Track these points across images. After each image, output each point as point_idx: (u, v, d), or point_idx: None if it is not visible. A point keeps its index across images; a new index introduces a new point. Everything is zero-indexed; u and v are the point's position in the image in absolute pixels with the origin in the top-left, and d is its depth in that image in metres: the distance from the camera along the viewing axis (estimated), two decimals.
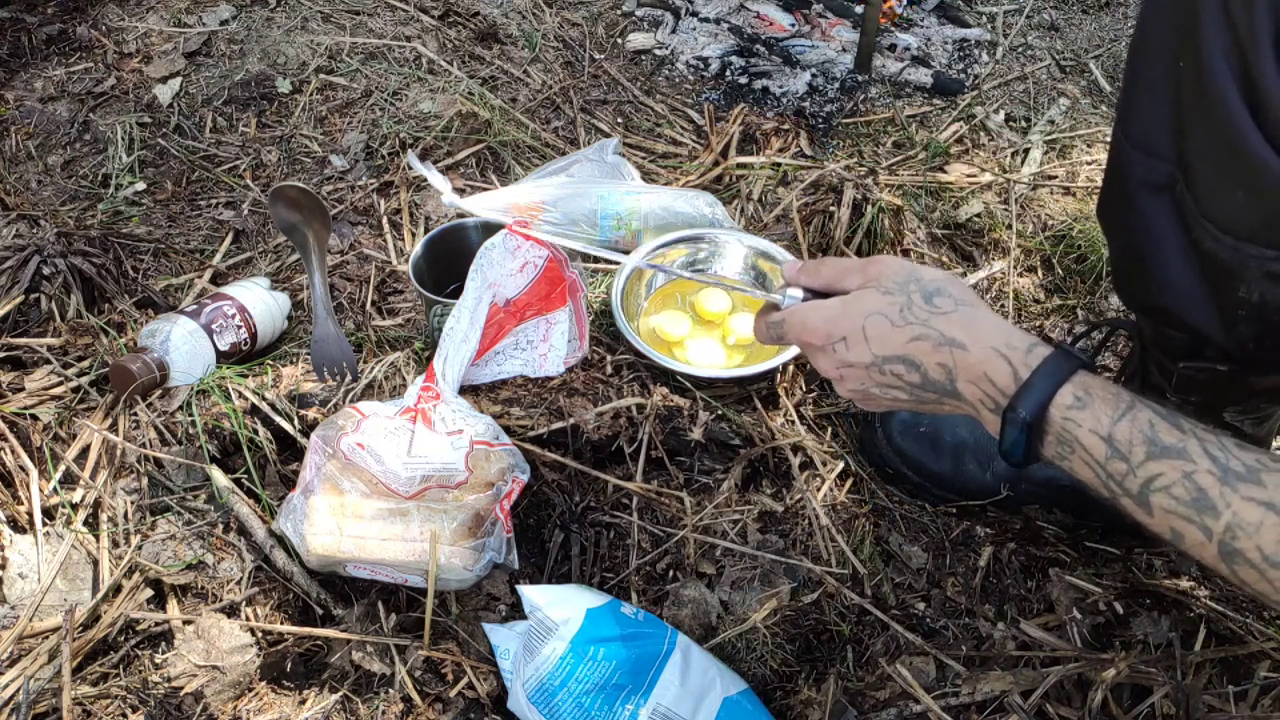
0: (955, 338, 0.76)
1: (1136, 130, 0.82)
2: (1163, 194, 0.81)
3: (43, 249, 1.28)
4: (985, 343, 0.75)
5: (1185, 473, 0.66)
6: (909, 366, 0.78)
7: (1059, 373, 0.72)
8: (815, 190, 1.40)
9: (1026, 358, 0.73)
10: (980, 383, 0.75)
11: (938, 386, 0.77)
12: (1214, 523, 0.64)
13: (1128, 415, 0.69)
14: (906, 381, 0.79)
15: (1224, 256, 0.77)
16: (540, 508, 1.13)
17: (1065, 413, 0.71)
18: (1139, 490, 0.68)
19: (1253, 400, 0.95)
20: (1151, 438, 0.68)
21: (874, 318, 0.78)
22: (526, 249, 1.13)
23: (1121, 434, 0.68)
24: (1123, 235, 0.89)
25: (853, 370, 0.81)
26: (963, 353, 0.75)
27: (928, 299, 0.78)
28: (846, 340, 0.80)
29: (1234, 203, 0.75)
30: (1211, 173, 0.76)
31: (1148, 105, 0.80)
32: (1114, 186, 0.88)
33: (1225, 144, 0.72)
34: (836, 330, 0.80)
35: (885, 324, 0.78)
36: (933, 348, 0.76)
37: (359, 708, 0.96)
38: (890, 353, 0.78)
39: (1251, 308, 0.79)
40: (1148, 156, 0.81)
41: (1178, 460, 0.66)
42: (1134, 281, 0.90)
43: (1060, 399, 0.71)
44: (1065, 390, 0.71)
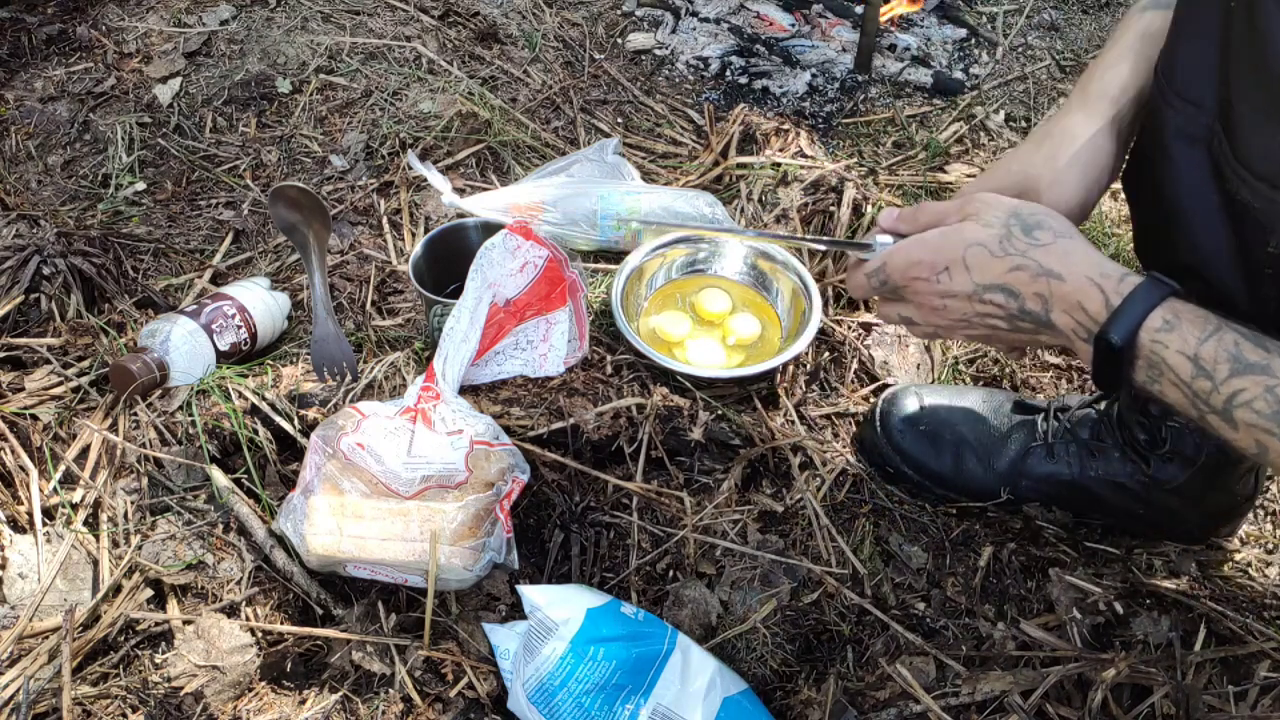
0: (1052, 268, 0.79)
1: (1179, 76, 0.82)
2: (1198, 147, 0.82)
3: (43, 249, 1.28)
4: (1080, 272, 0.78)
5: (1267, 386, 0.69)
6: (1008, 295, 0.81)
7: (1150, 298, 0.75)
8: (815, 190, 1.40)
9: (1119, 285, 0.76)
10: (1074, 311, 0.78)
11: (1034, 316, 0.81)
12: None
13: (1214, 335, 0.72)
14: (1005, 310, 0.82)
15: (1257, 206, 0.78)
16: (540, 508, 1.13)
17: (1154, 335, 0.74)
18: (1223, 406, 0.71)
19: None
20: (1235, 355, 0.71)
21: (974, 248, 0.82)
22: (526, 249, 1.13)
23: (1207, 353, 0.72)
24: (1153, 193, 0.89)
25: (954, 300, 0.84)
26: (1059, 282, 0.78)
27: (1027, 231, 0.81)
28: (949, 269, 0.83)
29: (1273, 146, 0.75)
30: (1254, 115, 0.76)
31: (1194, 51, 0.81)
32: (1148, 141, 0.88)
33: (1270, 83, 0.73)
34: (940, 259, 0.83)
35: (985, 254, 0.81)
36: (1030, 278, 0.80)
37: (359, 708, 0.96)
38: (990, 280, 0.81)
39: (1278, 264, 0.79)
40: (1188, 104, 0.82)
41: (1260, 375, 0.70)
42: (1161, 241, 0.90)
43: (1150, 323, 0.74)
44: (1155, 314, 0.74)
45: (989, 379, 1.34)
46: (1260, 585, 1.11)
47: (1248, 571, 1.13)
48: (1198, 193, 0.83)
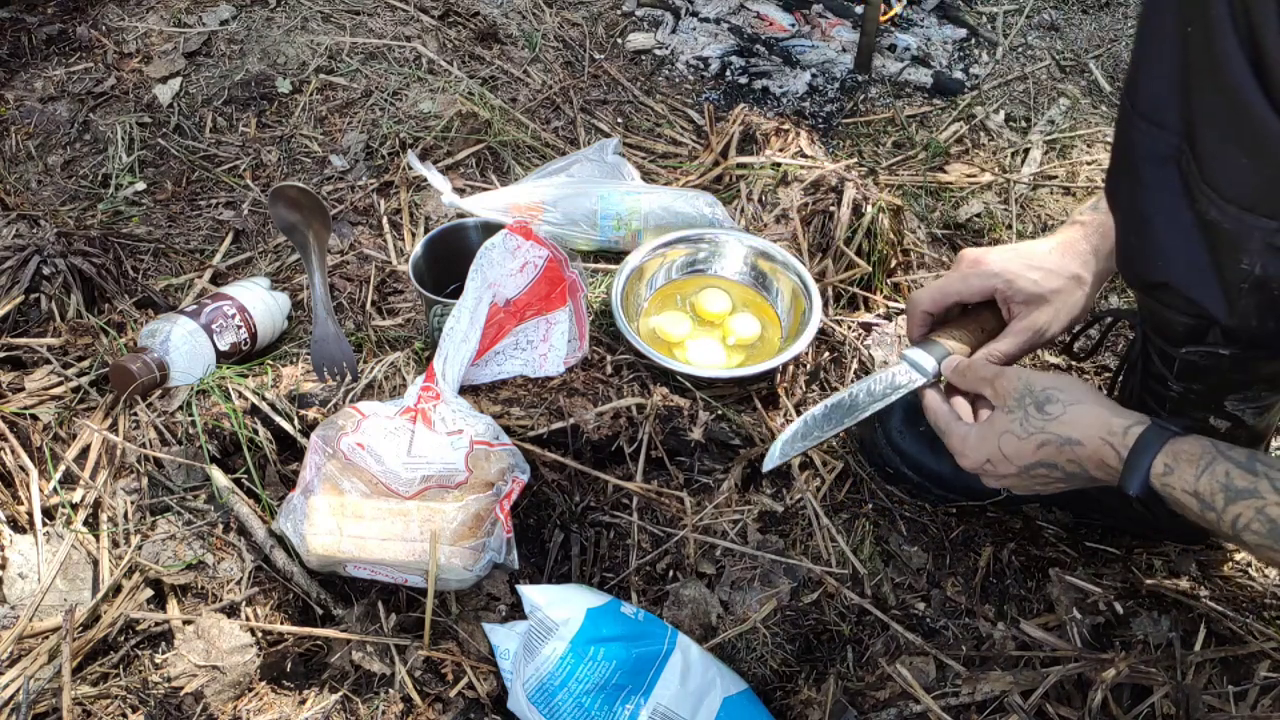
0: (1070, 437, 0.89)
1: (1143, 99, 0.82)
2: (1168, 166, 0.82)
3: (43, 249, 1.28)
4: (1093, 435, 0.88)
5: (1258, 509, 0.77)
6: (1048, 468, 0.91)
7: (1151, 447, 0.84)
8: (815, 190, 1.40)
9: (1124, 439, 0.86)
10: (1101, 468, 0.88)
11: (1077, 475, 0.91)
12: None
13: (1207, 470, 0.80)
14: (1054, 476, 0.92)
15: (1227, 227, 0.78)
16: (540, 508, 1.13)
17: (1161, 481, 0.83)
18: (1232, 533, 0.79)
19: (1254, 388, 0.95)
20: (1227, 485, 0.79)
21: (1005, 437, 0.93)
22: (526, 249, 1.13)
23: (1204, 487, 0.80)
24: (1128, 209, 0.90)
25: (1009, 479, 0.96)
26: (1080, 448, 0.88)
27: (1040, 407, 0.92)
28: (992, 461, 0.95)
29: (1238, 170, 0.76)
30: (1216, 139, 0.77)
31: (1155, 73, 0.81)
32: (1120, 159, 0.89)
33: (1230, 110, 0.73)
34: (981, 455, 0.95)
35: (1014, 440, 0.92)
36: (1057, 449, 0.90)
37: (359, 708, 0.96)
38: (1028, 462, 0.92)
39: (1254, 281, 0.80)
40: (1154, 126, 0.82)
41: (1250, 499, 0.78)
42: (1137, 256, 0.91)
43: (1155, 469, 0.83)
44: (1157, 461, 0.83)
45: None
46: (1260, 585, 1.11)
47: (1248, 571, 1.13)
48: (1170, 211, 0.83)
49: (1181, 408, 1.00)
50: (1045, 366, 1.36)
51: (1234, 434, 1.00)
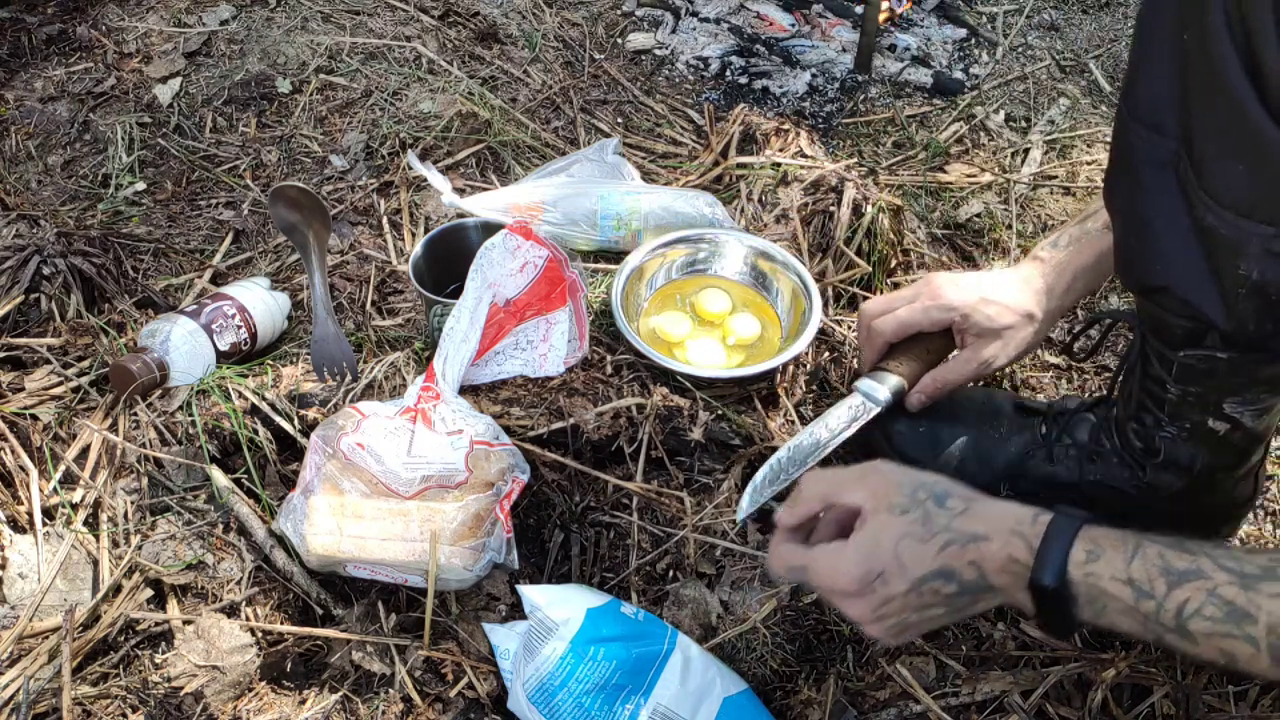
0: (977, 531, 0.77)
1: (1141, 105, 0.82)
2: (1166, 170, 0.82)
3: (43, 249, 1.28)
4: (1001, 527, 0.76)
5: (1208, 590, 0.67)
6: (944, 579, 0.78)
7: (1066, 532, 0.73)
8: (815, 190, 1.40)
9: (1035, 527, 0.75)
10: (1008, 566, 0.76)
11: (972, 587, 0.78)
12: (1254, 629, 0.64)
13: (1138, 554, 0.70)
14: (944, 595, 0.79)
15: (1225, 233, 0.78)
16: (540, 508, 1.13)
17: (1084, 569, 0.72)
18: (1175, 623, 0.68)
19: (1253, 390, 0.95)
20: (1166, 567, 0.69)
21: (904, 542, 0.78)
22: (526, 249, 1.13)
23: (1138, 573, 0.70)
24: (1126, 213, 0.90)
25: (891, 604, 0.79)
26: (987, 544, 0.76)
27: (940, 502, 0.80)
28: (884, 574, 0.78)
29: (1235, 177, 0.75)
30: (1213, 146, 0.77)
31: (1152, 79, 0.81)
32: (1119, 163, 0.89)
33: (1227, 117, 0.73)
34: (874, 567, 0.79)
35: (915, 544, 0.78)
36: (960, 549, 0.77)
37: (359, 708, 0.96)
38: (926, 570, 0.78)
39: (1252, 286, 0.80)
40: (1151, 132, 0.82)
41: (1197, 581, 0.68)
42: (1136, 261, 0.91)
43: (1075, 557, 0.72)
44: (1077, 547, 0.72)
45: (989, 379, 1.34)
46: None
47: None
48: (1169, 215, 0.83)
49: (1180, 410, 1.00)
50: (1046, 366, 1.36)
51: (1233, 436, 1.00)
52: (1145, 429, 1.04)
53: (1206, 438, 1.00)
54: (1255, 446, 1.03)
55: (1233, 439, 1.00)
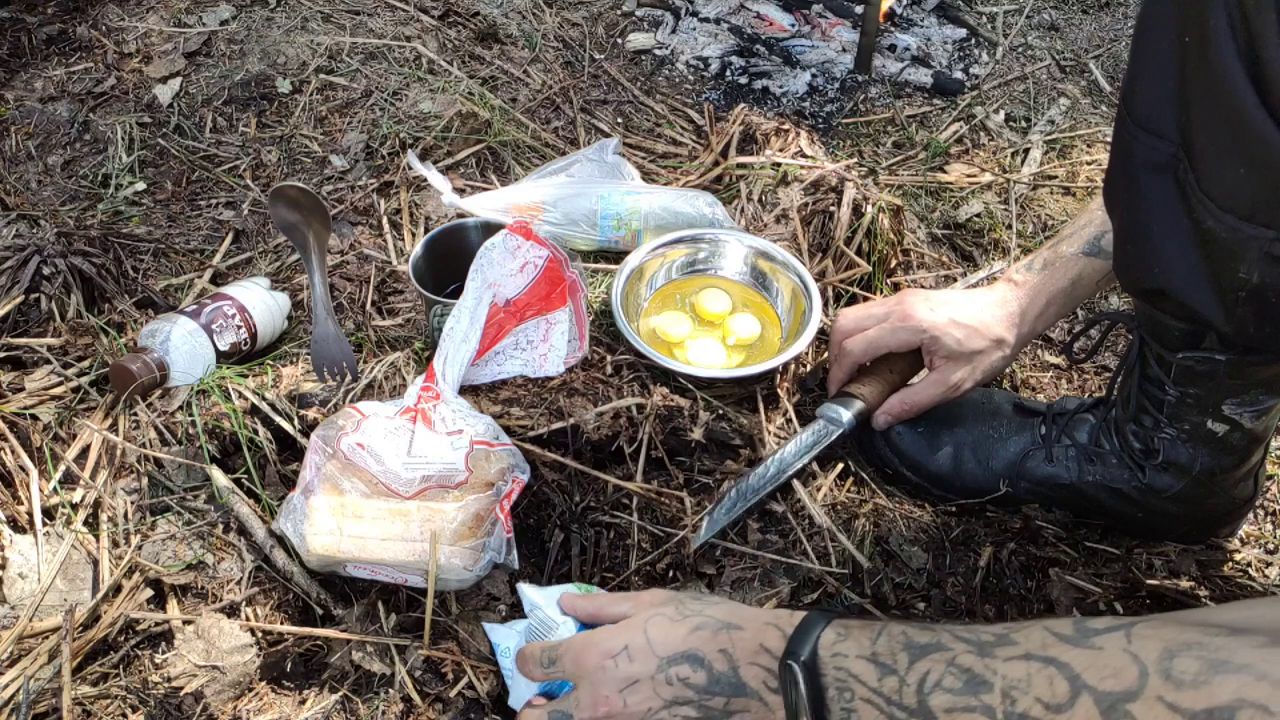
0: (730, 620, 0.78)
1: (1140, 108, 0.82)
2: (1165, 174, 0.81)
3: (43, 249, 1.28)
4: (756, 619, 0.78)
5: (948, 660, 0.66)
6: (693, 664, 0.76)
7: (821, 620, 0.74)
8: (815, 190, 1.40)
9: (791, 619, 0.75)
10: (759, 657, 0.75)
11: (723, 681, 0.76)
12: (990, 696, 0.63)
13: (884, 633, 0.70)
14: (693, 685, 0.76)
15: (1224, 236, 0.78)
16: (540, 508, 1.13)
17: (833, 649, 0.71)
18: (917, 700, 0.66)
19: (1252, 392, 0.95)
20: (908, 643, 0.69)
21: (655, 619, 0.80)
22: (526, 249, 1.13)
23: (883, 649, 0.69)
24: (1125, 215, 0.90)
25: (637, 685, 0.77)
26: (739, 632, 0.77)
27: (699, 600, 0.82)
28: (629, 648, 0.78)
29: (1235, 180, 0.75)
30: (1214, 149, 0.76)
31: (1152, 82, 0.80)
32: (1118, 166, 0.88)
33: (1228, 120, 0.73)
34: (618, 640, 0.79)
35: (665, 621, 0.79)
36: (711, 634, 0.77)
37: (359, 708, 0.96)
38: (674, 651, 0.77)
39: (1251, 289, 0.80)
40: (1150, 135, 0.81)
41: (936, 653, 0.67)
42: (1135, 263, 0.91)
43: (825, 639, 0.72)
44: (828, 631, 0.72)
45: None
46: (1260, 585, 1.11)
47: (1248, 571, 1.13)
48: (1168, 218, 0.83)
49: (1179, 412, 1.00)
50: (1045, 366, 1.37)
51: (1232, 437, 1.00)
52: (1144, 430, 1.04)
53: (1206, 439, 1.01)
54: (1255, 447, 1.03)
55: (1232, 440, 1.00)
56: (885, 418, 1.17)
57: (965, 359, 1.12)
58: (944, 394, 1.14)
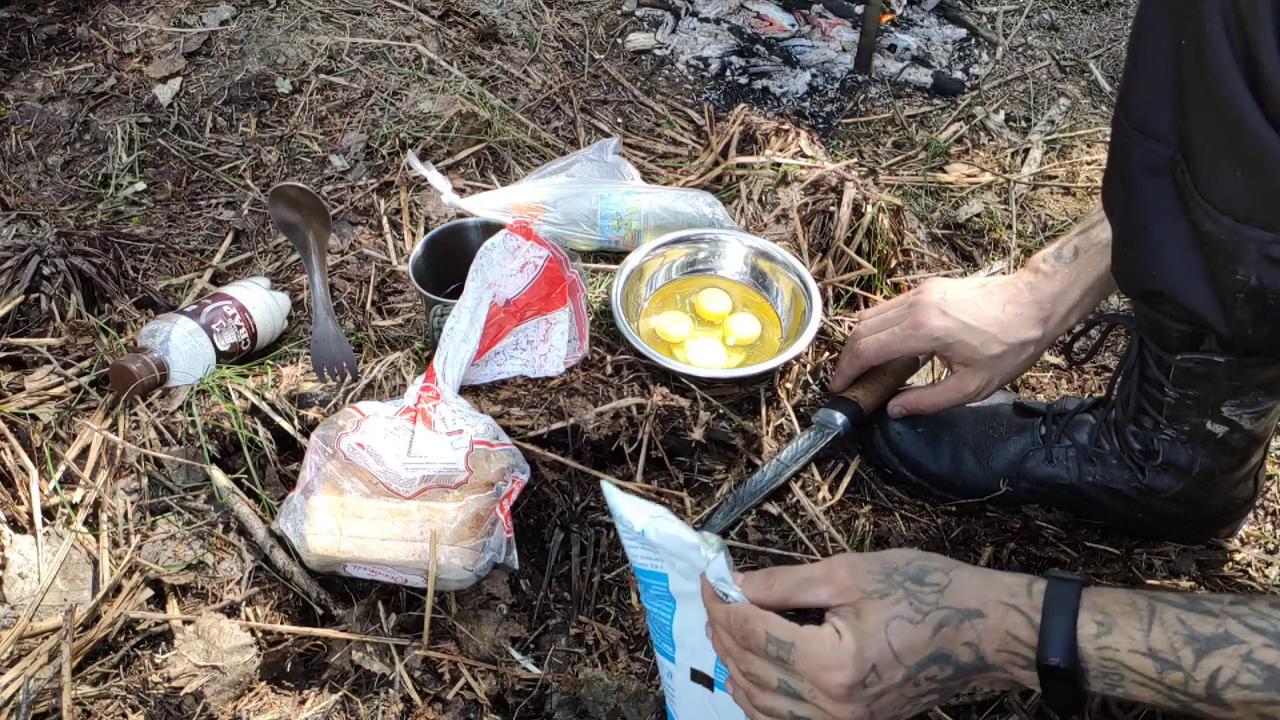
0: (970, 607, 0.71)
1: (1137, 111, 0.82)
2: (1163, 176, 0.81)
3: (43, 249, 1.28)
4: (993, 599, 0.71)
5: (1243, 656, 0.63)
6: (941, 664, 0.72)
7: (1067, 603, 0.69)
8: (815, 190, 1.40)
9: (1030, 599, 0.70)
10: (1006, 644, 0.70)
11: (969, 669, 0.72)
12: None
13: (1155, 621, 0.66)
14: (940, 681, 0.72)
15: (1222, 238, 0.78)
16: (540, 508, 1.13)
17: (1096, 643, 0.67)
18: (1207, 693, 0.64)
19: (1251, 393, 0.95)
20: (1191, 635, 0.65)
21: (894, 624, 0.71)
22: (526, 249, 1.13)
23: (1160, 643, 0.65)
24: (1123, 217, 0.90)
25: (887, 698, 0.72)
26: (982, 620, 0.71)
27: (920, 580, 0.73)
28: (877, 667, 0.71)
29: (1233, 182, 0.75)
30: (1211, 152, 0.76)
31: (1148, 85, 0.80)
32: (1115, 168, 0.88)
33: (1225, 123, 0.72)
34: (866, 659, 0.71)
35: (907, 626, 0.71)
36: (955, 630, 0.71)
37: (359, 708, 0.96)
38: (922, 656, 0.71)
39: (1249, 291, 0.79)
40: (1147, 138, 0.81)
41: (1228, 647, 0.64)
42: (1133, 265, 0.90)
43: (1084, 630, 0.67)
44: (1083, 618, 0.68)
45: None
46: (1260, 585, 1.11)
47: (1248, 571, 1.13)
48: (1165, 221, 0.83)
49: (1178, 413, 1.00)
50: (1046, 366, 1.36)
51: (1231, 438, 1.00)
52: (1144, 431, 1.04)
53: (1205, 440, 1.00)
54: (1254, 448, 1.03)
55: (1231, 441, 1.00)
56: (899, 408, 1.17)
57: (983, 365, 1.08)
58: (961, 400, 1.12)
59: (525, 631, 1.04)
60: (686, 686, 0.87)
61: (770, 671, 0.74)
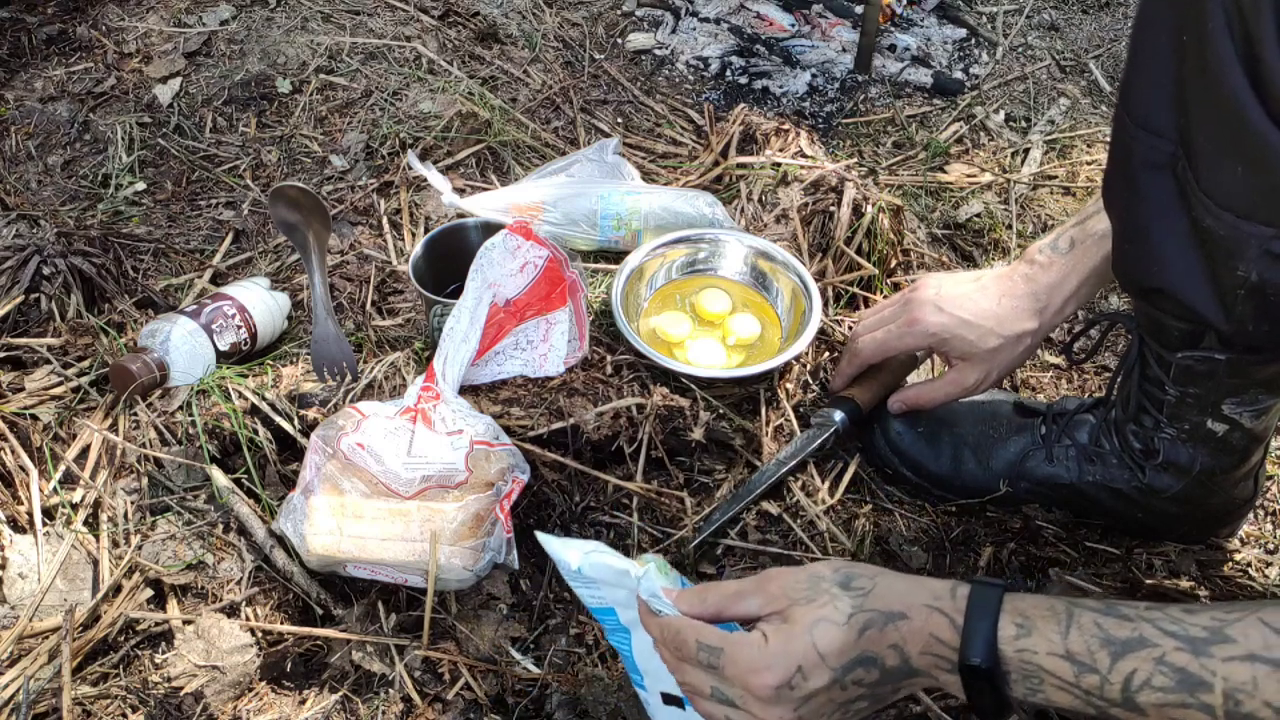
0: (894, 610, 0.73)
1: (1138, 107, 0.82)
2: (1164, 172, 0.81)
3: (43, 249, 1.28)
4: (918, 603, 0.73)
5: (1156, 659, 0.64)
6: (867, 666, 0.73)
7: (989, 605, 0.70)
8: (815, 190, 1.40)
9: (954, 601, 0.71)
10: (930, 647, 0.72)
11: (895, 673, 0.73)
12: (1211, 696, 0.61)
13: (1073, 625, 0.67)
14: (867, 685, 0.73)
15: (1223, 234, 0.78)
16: (540, 508, 1.13)
17: (1015, 645, 0.68)
18: (1122, 696, 0.65)
19: (1251, 391, 0.95)
20: (1106, 638, 0.66)
21: (819, 627, 0.72)
22: (526, 249, 1.13)
23: (1077, 645, 0.66)
24: (1124, 214, 0.90)
25: (815, 702, 0.73)
26: (906, 622, 0.72)
27: (846, 586, 0.74)
28: (803, 668, 0.72)
29: (1234, 179, 0.75)
30: (1212, 148, 0.76)
31: (1150, 81, 0.80)
32: (1116, 165, 0.88)
33: (1226, 119, 0.72)
34: (791, 660, 0.72)
35: (831, 627, 0.72)
36: (879, 632, 0.72)
37: (359, 708, 0.96)
38: (848, 659, 0.72)
39: (1250, 287, 0.79)
40: (1149, 134, 0.81)
41: (1142, 650, 0.64)
42: (1133, 262, 0.90)
43: (1004, 632, 0.69)
44: (1004, 621, 0.69)
45: None
46: (1260, 585, 1.11)
47: (1248, 571, 1.13)
48: (1166, 217, 0.83)
49: (1179, 412, 1.00)
50: (1046, 366, 1.37)
51: (1232, 437, 1.00)
52: (1144, 430, 1.04)
53: (1206, 439, 1.01)
54: (1255, 447, 1.03)
55: (1232, 440, 1.00)
56: (899, 404, 1.17)
57: (980, 359, 1.09)
58: (960, 394, 1.13)
59: (525, 631, 1.04)
60: (662, 710, 0.88)
61: (703, 679, 0.76)
